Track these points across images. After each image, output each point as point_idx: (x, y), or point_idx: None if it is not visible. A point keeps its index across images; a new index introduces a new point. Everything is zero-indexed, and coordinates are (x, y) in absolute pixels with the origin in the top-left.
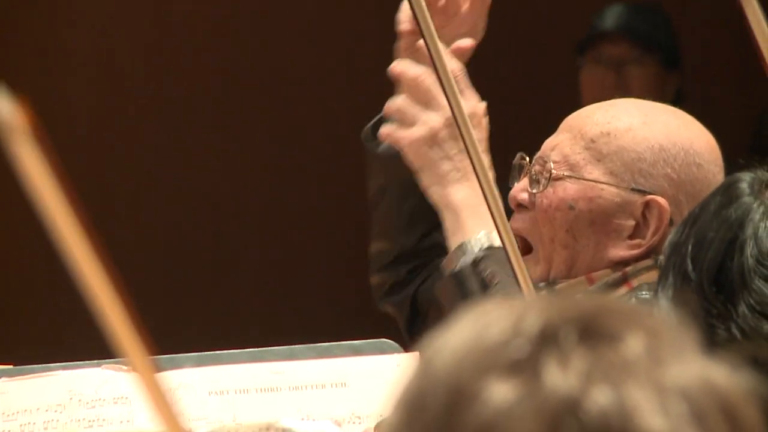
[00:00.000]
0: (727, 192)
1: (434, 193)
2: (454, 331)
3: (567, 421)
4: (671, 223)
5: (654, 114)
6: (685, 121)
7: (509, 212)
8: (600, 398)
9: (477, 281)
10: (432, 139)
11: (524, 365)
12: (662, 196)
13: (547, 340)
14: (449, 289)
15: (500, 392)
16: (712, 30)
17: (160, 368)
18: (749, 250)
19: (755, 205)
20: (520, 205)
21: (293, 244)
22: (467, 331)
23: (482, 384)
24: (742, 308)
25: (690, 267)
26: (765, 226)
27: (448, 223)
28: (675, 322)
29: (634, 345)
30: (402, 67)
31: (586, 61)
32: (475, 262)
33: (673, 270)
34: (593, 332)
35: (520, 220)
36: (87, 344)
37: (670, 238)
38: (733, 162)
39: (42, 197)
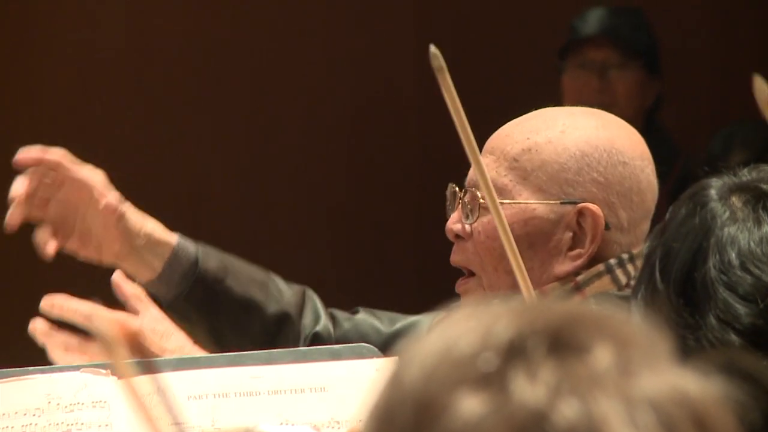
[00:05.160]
0: (694, 199)
1: None
2: (424, 343)
3: None
4: (607, 226)
5: (571, 120)
6: (604, 122)
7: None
8: (568, 411)
9: None
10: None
11: (492, 378)
12: (593, 201)
13: (515, 352)
14: None
15: (468, 406)
16: (687, 35)
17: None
18: (712, 260)
19: (721, 211)
20: (458, 236)
21: (275, 235)
22: (436, 343)
23: (450, 398)
24: (710, 319)
25: (658, 279)
26: (729, 233)
27: None
28: (647, 330)
29: (602, 356)
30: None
31: (567, 65)
32: None
33: (645, 281)
34: (562, 344)
35: (459, 251)
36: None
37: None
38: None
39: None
